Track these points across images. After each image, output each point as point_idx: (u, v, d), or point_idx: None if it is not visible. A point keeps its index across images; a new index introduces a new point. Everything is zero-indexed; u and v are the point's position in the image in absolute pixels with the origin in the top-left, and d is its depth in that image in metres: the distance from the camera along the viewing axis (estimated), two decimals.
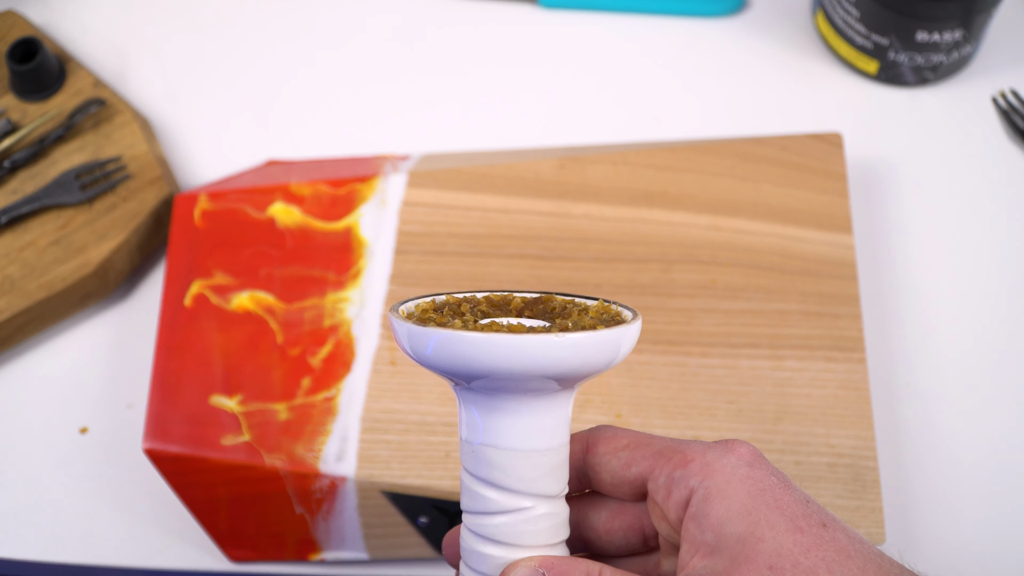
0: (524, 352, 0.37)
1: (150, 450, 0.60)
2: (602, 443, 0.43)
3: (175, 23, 0.78)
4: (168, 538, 0.63)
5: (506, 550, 0.40)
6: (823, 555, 0.38)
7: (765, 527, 0.38)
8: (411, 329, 0.39)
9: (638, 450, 0.42)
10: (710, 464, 0.40)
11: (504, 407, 0.40)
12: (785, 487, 0.40)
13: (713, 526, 0.39)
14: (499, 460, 0.40)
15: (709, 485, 0.40)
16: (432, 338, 0.38)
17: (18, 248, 0.67)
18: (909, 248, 0.68)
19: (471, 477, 0.41)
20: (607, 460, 0.43)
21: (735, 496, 0.39)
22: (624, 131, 0.72)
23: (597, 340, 0.38)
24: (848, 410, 0.59)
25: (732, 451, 0.41)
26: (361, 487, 0.59)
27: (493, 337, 0.37)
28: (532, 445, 0.40)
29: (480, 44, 0.76)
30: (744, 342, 0.61)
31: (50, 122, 0.70)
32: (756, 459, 0.41)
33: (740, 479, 0.39)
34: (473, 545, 0.41)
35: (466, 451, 0.41)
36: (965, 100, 0.72)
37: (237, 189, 0.66)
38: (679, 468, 0.41)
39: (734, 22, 0.76)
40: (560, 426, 0.41)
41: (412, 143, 0.73)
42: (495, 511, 0.40)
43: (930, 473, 0.62)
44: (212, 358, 0.62)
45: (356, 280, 0.64)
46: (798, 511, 0.39)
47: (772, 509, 0.39)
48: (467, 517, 0.41)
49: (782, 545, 0.38)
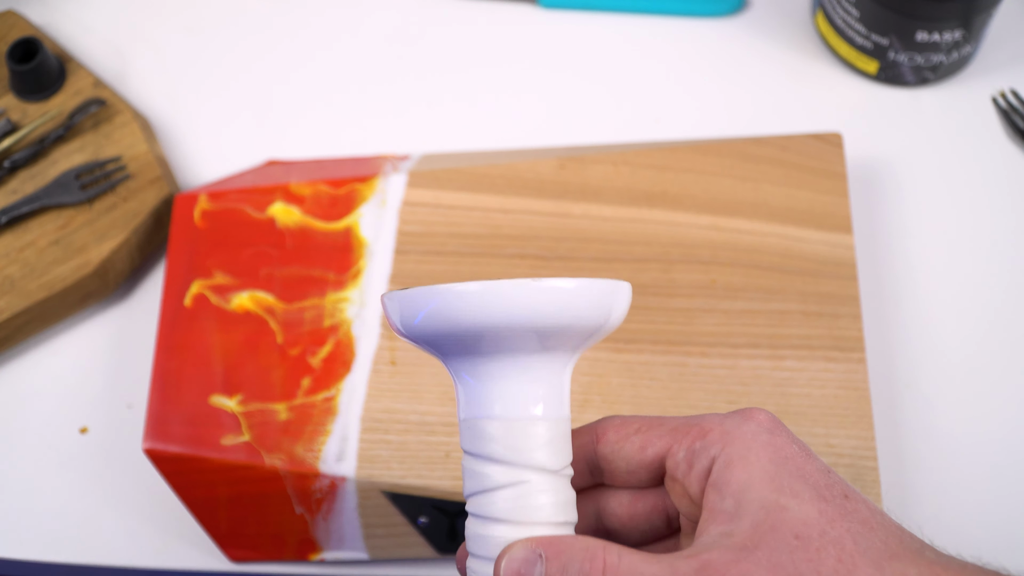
0: (500, 298, 0.37)
1: (150, 450, 0.60)
2: (612, 431, 0.42)
3: (175, 23, 0.78)
4: (168, 538, 0.63)
5: (508, 528, 0.40)
6: (848, 526, 0.37)
7: (789, 495, 0.38)
8: (403, 296, 0.39)
9: (652, 431, 0.41)
10: (730, 432, 0.39)
11: (495, 372, 0.39)
12: (807, 455, 0.39)
13: (734, 492, 0.38)
14: (494, 431, 0.40)
15: (731, 452, 0.39)
16: (428, 300, 0.38)
17: (18, 248, 0.67)
18: (909, 248, 0.68)
19: (471, 457, 0.41)
20: (620, 447, 0.42)
21: (757, 463, 0.38)
22: (624, 131, 0.72)
23: (576, 288, 0.38)
24: (848, 410, 0.59)
25: (751, 418, 0.40)
26: (361, 487, 0.59)
27: (472, 286, 0.38)
28: (526, 413, 0.40)
29: (480, 44, 0.76)
30: (744, 342, 0.61)
31: (50, 122, 0.70)
32: (776, 426, 0.40)
33: (761, 445, 0.39)
34: (476, 528, 0.40)
35: (464, 431, 0.41)
36: (965, 100, 0.72)
37: (237, 189, 0.67)
38: (699, 439, 0.40)
39: (734, 22, 0.76)
40: (555, 397, 0.40)
41: (412, 143, 0.73)
42: (494, 487, 0.40)
43: (930, 473, 0.62)
44: (212, 358, 0.62)
45: (356, 280, 0.64)
46: (820, 480, 0.38)
47: (795, 477, 0.38)
48: (470, 503, 0.41)
49: (807, 514, 0.37)
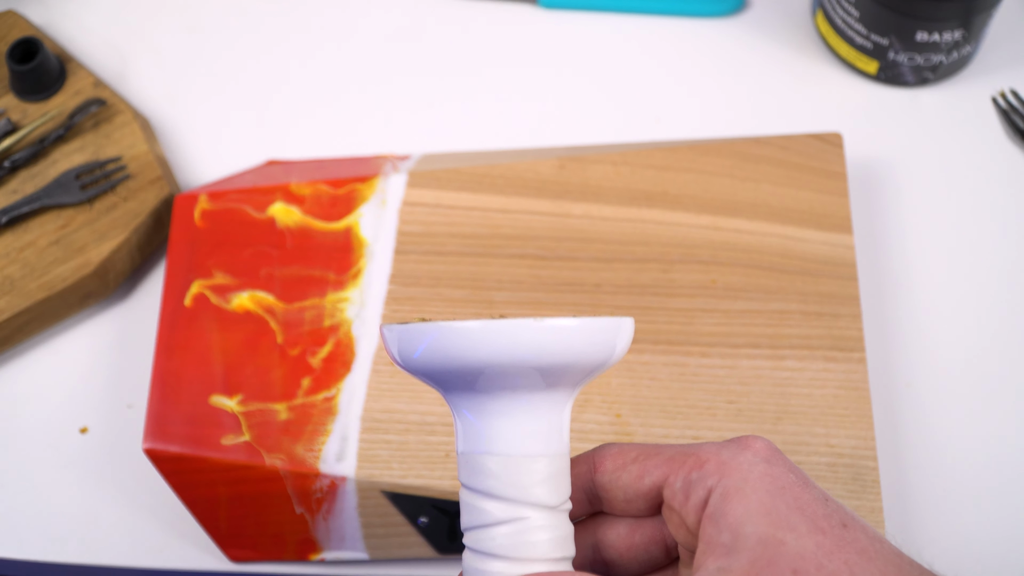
0: (502, 337, 0.37)
1: (150, 450, 0.60)
2: (609, 460, 0.42)
3: (175, 23, 0.78)
4: (168, 538, 0.63)
5: (506, 564, 0.40)
6: (845, 557, 0.37)
7: (786, 529, 0.37)
8: (402, 330, 0.39)
9: (649, 460, 0.41)
10: (726, 463, 0.39)
11: (495, 409, 0.39)
12: (803, 485, 0.39)
13: (731, 526, 0.38)
14: (493, 467, 0.39)
15: (727, 484, 0.38)
16: (425, 336, 0.38)
17: (18, 248, 0.67)
18: (909, 248, 0.68)
19: (468, 491, 0.40)
20: (617, 476, 0.41)
21: (753, 495, 0.38)
22: (624, 131, 0.72)
23: (579, 326, 0.37)
24: (848, 410, 0.59)
25: (748, 448, 0.40)
26: (361, 487, 0.59)
27: (472, 324, 0.37)
28: (526, 450, 0.39)
29: (480, 44, 0.76)
30: (744, 342, 0.61)
31: (50, 122, 0.70)
32: (772, 455, 0.40)
33: (758, 477, 0.38)
34: (474, 563, 0.40)
35: (462, 464, 0.40)
36: (965, 100, 0.72)
37: (237, 189, 0.67)
38: (695, 470, 0.39)
39: (734, 22, 0.76)
40: (555, 432, 0.40)
41: (412, 143, 0.73)
42: (492, 523, 0.40)
43: (930, 473, 0.62)
44: (212, 358, 0.62)
45: (356, 280, 0.64)
46: (818, 511, 0.38)
47: (792, 509, 0.38)
48: (467, 536, 0.41)
49: (805, 547, 0.37)
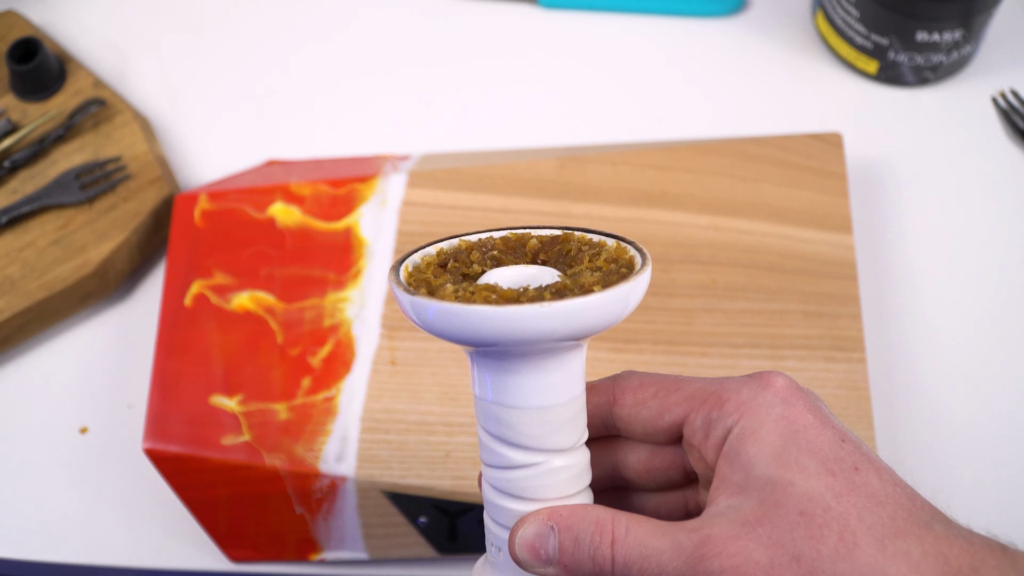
0: (508, 323, 0.36)
1: (150, 450, 0.60)
2: (628, 393, 0.42)
3: (175, 23, 0.78)
4: (168, 538, 0.63)
5: (522, 503, 0.40)
6: (855, 501, 0.37)
7: (796, 470, 0.37)
8: (402, 297, 0.38)
9: (669, 396, 0.41)
10: (746, 403, 0.39)
11: (510, 368, 0.39)
12: (821, 425, 0.39)
13: (743, 466, 0.38)
14: (509, 418, 0.39)
15: (744, 424, 0.38)
16: (431, 308, 0.37)
17: (18, 248, 0.67)
18: (909, 248, 0.68)
19: (485, 433, 0.40)
20: (637, 411, 0.41)
21: (767, 437, 0.38)
22: (624, 131, 0.72)
23: (586, 305, 0.37)
24: (848, 410, 0.59)
25: (768, 386, 0.39)
26: (361, 487, 0.59)
27: (472, 309, 0.36)
28: (541, 402, 0.39)
29: (480, 44, 0.76)
30: (744, 342, 0.61)
31: (50, 122, 0.70)
32: (792, 394, 0.39)
33: (774, 419, 0.38)
34: (492, 497, 0.41)
35: (479, 407, 0.40)
36: (965, 100, 0.72)
37: (237, 189, 0.67)
38: (715, 409, 0.39)
39: (734, 22, 0.76)
40: (571, 380, 0.40)
41: (412, 143, 0.73)
42: (509, 466, 0.40)
43: (930, 473, 0.62)
44: (212, 358, 0.62)
45: (356, 280, 0.64)
46: (831, 453, 0.38)
47: (804, 451, 0.38)
48: (485, 469, 0.41)
49: (813, 489, 0.37)
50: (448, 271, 0.40)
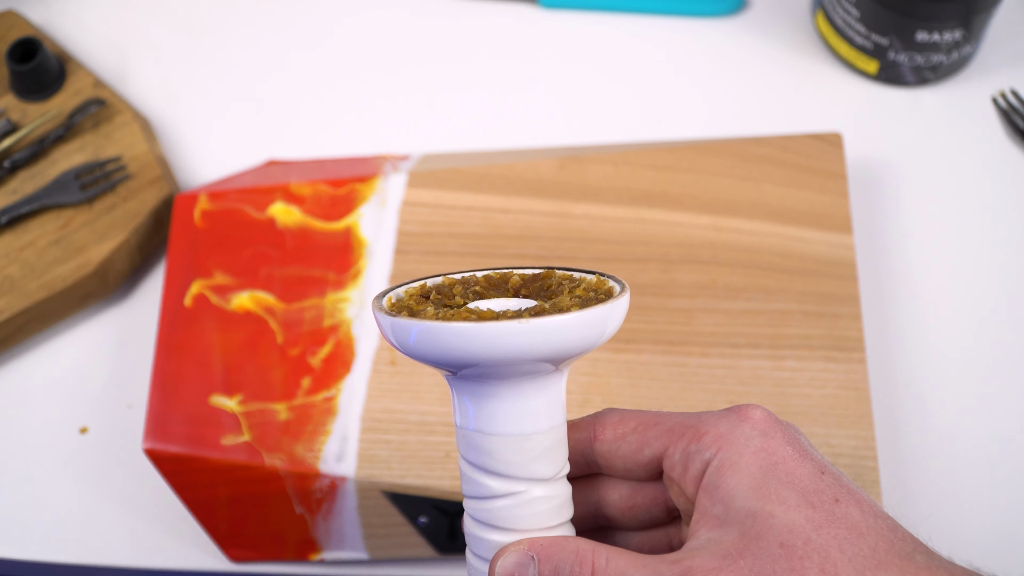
0: (486, 339, 0.37)
1: (150, 450, 0.60)
2: (609, 429, 0.42)
3: (175, 23, 0.78)
4: (168, 538, 0.63)
5: (503, 534, 0.40)
6: (835, 533, 0.37)
7: (776, 502, 0.38)
8: (383, 320, 0.38)
9: (648, 431, 0.41)
10: (723, 436, 0.39)
11: (490, 393, 0.39)
12: (799, 457, 0.39)
13: (723, 499, 0.38)
14: (489, 446, 0.40)
15: (723, 457, 0.39)
16: (413, 329, 0.38)
17: (18, 248, 0.67)
18: (909, 248, 0.68)
19: (465, 463, 0.41)
20: (617, 447, 0.42)
21: (746, 469, 0.38)
22: (624, 131, 0.72)
23: (564, 324, 0.37)
24: (848, 410, 0.59)
25: (746, 419, 0.40)
26: (361, 487, 0.59)
27: (453, 326, 0.37)
28: (521, 429, 0.39)
29: (480, 44, 0.76)
30: (744, 342, 0.61)
31: (50, 122, 0.70)
32: (770, 426, 0.40)
33: (753, 452, 0.39)
34: (473, 529, 0.41)
35: (460, 438, 0.41)
36: (965, 100, 0.72)
37: (237, 189, 0.67)
38: (693, 442, 0.40)
39: (734, 22, 0.76)
40: (551, 407, 0.40)
41: (412, 143, 0.73)
42: (490, 496, 0.40)
43: (930, 473, 0.62)
44: (212, 358, 0.62)
45: (356, 280, 0.64)
46: (811, 485, 0.38)
47: (783, 483, 0.38)
48: (466, 502, 0.41)
49: (794, 521, 0.37)
50: (431, 301, 0.41)
